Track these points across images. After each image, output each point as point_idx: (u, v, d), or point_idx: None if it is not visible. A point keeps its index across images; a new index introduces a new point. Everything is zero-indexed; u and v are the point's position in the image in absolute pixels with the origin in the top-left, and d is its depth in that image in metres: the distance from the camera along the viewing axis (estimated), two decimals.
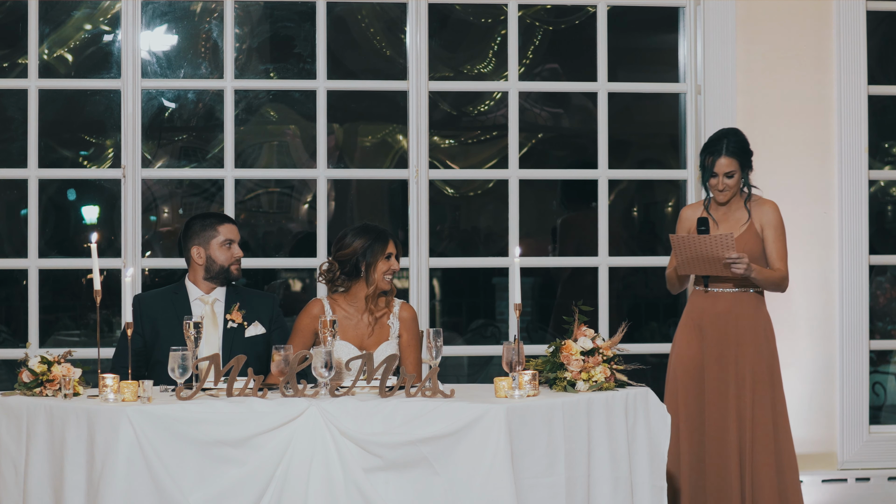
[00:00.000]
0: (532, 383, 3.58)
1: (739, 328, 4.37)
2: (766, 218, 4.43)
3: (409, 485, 3.40)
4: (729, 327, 4.38)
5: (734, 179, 4.41)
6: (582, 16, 6.03)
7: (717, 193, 4.44)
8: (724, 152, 4.39)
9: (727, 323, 4.38)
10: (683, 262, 4.33)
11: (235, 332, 4.24)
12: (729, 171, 4.40)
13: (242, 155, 6.19)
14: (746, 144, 4.46)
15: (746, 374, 4.34)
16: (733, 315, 4.38)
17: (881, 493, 5.27)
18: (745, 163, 4.43)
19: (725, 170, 4.39)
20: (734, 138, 4.43)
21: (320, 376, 3.52)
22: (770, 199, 4.50)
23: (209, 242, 4.26)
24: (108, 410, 3.34)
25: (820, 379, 5.26)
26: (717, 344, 4.38)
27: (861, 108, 5.31)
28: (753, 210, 4.44)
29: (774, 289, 4.41)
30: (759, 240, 4.41)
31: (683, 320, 4.49)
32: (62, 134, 6.30)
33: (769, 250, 4.41)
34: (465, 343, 6.82)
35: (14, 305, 6.23)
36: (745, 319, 4.38)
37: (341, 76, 5.77)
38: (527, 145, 6.80)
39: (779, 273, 4.38)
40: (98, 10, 5.74)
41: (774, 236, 4.41)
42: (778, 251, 4.40)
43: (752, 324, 4.38)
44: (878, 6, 5.46)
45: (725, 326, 4.38)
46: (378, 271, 4.21)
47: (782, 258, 4.40)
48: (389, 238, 4.25)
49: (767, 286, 4.38)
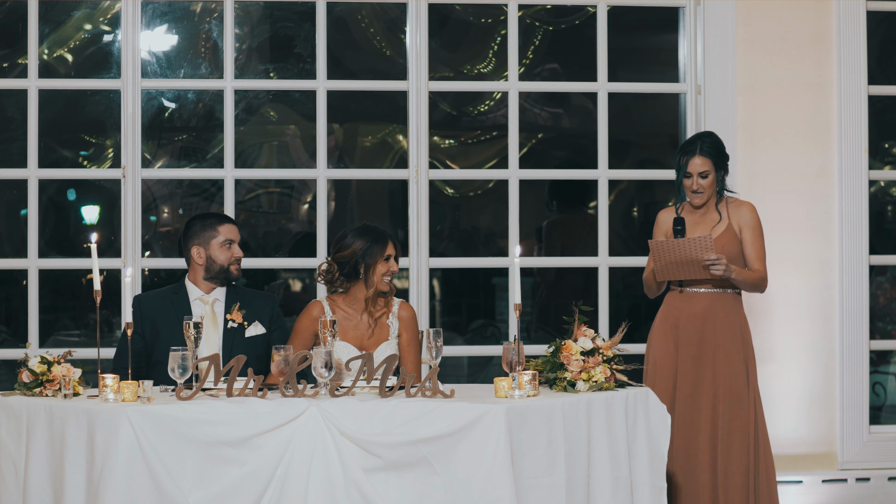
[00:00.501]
0: (532, 383, 3.58)
1: (717, 329, 4.35)
2: (745, 219, 4.41)
3: (408, 485, 3.40)
4: (706, 328, 4.35)
5: (708, 180, 4.40)
6: (582, 16, 6.03)
7: (692, 195, 4.42)
8: (697, 152, 4.38)
9: (704, 323, 4.36)
10: (662, 268, 4.30)
11: (235, 332, 4.24)
12: (703, 171, 4.38)
13: (242, 155, 6.19)
14: (722, 147, 4.45)
15: (722, 375, 4.33)
16: (711, 316, 4.36)
17: (881, 493, 5.27)
18: (720, 164, 4.42)
19: (700, 169, 4.38)
20: (709, 139, 4.43)
21: (320, 376, 3.52)
22: (747, 201, 4.48)
23: (209, 242, 4.26)
24: (108, 410, 3.34)
25: (820, 379, 5.26)
26: (693, 344, 4.36)
27: (861, 108, 5.31)
28: (731, 211, 4.43)
29: (753, 289, 4.40)
30: (738, 241, 4.40)
31: (658, 319, 4.47)
32: (62, 134, 6.29)
33: (747, 251, 4.40)
34: (465, 343, 6.82)
35: (14, 305, 6.23)
36: (722, 320, 4.36)
37: (341, 76, 5.77)
38: (527, 145, 6.80)
39: (757, 274, 4.37)
40: (98, 10, 5.74)
41: (752, 237, 4.40)
42: (756, 252, 4.39)
43: (728, 325, 4.36)
44: (878, 6, 5.46)
45: (702, 327, 4.36)
46: (377, 273, 4.21)
47: (760, 259, 4.39)
48: (389, 240, 4.24)
49: (746, 287, 4.37)
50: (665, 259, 4.27)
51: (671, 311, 4.43)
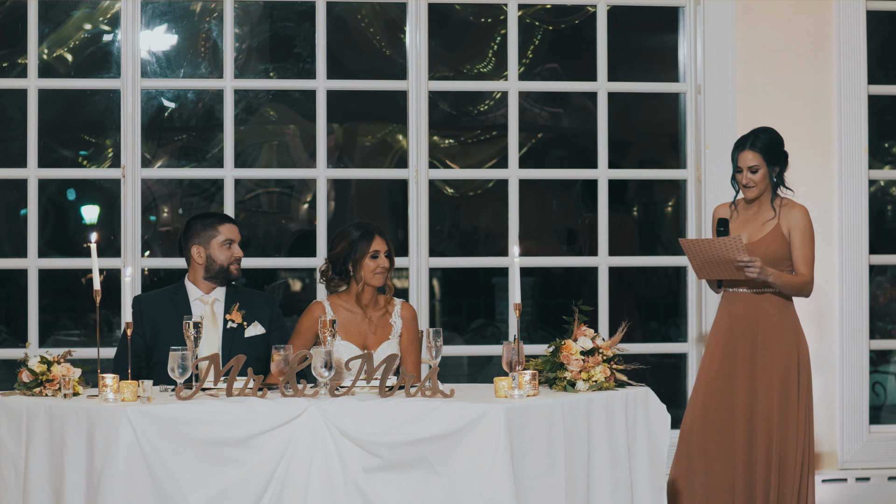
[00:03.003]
0: (532, 383, 3.58)
1: (758, 331, 4.35)
2: (795, 221, 4.39)
3: (408, 485, 3.40)
4: (748, 329, 4.36)
5: (759, 175, 4.40)
6: (582, 16, 6.03)
7: (743, 189, 4.44)
8: (747, 146, 4.40)
9: (746, 324, 4.36)
10: (698, 267, 4.31)
11: (235, 332, 4.24)
12: (753, 166, 4.39)
13: (242, 155, 6.19)
14: (778, 143, 4.43)
15: (765, 378, 4.33)
16: (754, 318, 4.35)
17: (881, 493, 5.27)
18: (773, 160, 4.41)
19: (749, 164, 4.39)
20: (764, 135, 4.43)
21: (320, 376, 3.52)
22: (801, 204, 4.47)
23: (209, 242, 4.26)
24: (108, 410, 3.34)
25: (820, 378, 5.25)
26: (740, 343, 4.38)
27: (861, 107, 5.31)
28: (782, 212, 4.41)
29: (795, 293, 4.38)
30: (785, 242, 4.38)
31: (718, 314, 4.49)
32: (62, 134, 6.29)
33: (795, 254, 4.38)
34: (465, 343, 6.82)
35: (14, 305, 6.22)
36: (769, 322, 4.35)
37: (341, 76, 5.77)
38: (527, 145, 6.80)
39: (801, 279, 4.34)
40: (98, 10, 5.74)
41: (802, 241, 4.38)
42: (804, 256, 4.37)
43: (777, 326, 4.35)
44: (878, 6, 5.46)
45: (745, 327, 4.36)
46: (365, 269, 4.21)
47: (808, 263, 4.36)
48: (375, 234, 4.23)
49: (787, 291, 4.34)
50: (698, 258, 4.27)
51: (724, 311, 4.44)
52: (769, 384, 4.32)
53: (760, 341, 4.35)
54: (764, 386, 4.33)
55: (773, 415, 4.31)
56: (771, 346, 4.34)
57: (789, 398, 4.32)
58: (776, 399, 4.31)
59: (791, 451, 4.31)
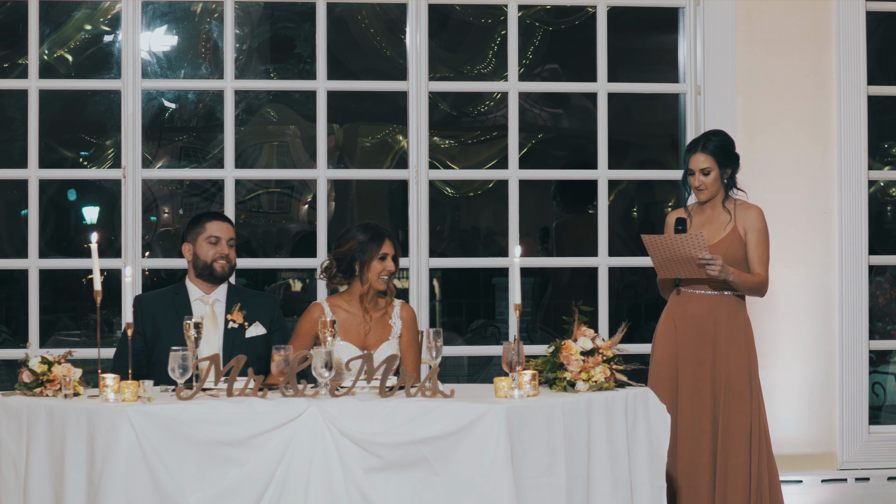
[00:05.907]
0: (532, 383, 3.59)
1: (717, 331, 4.34)
2: (751, 222, 4.41)
3: (409, 485, 3.40)
4: (706, 330, 4.35)
5: (711, 178, 4.40)
6: (582, 16, 6.04)
7: (695, 191, 4.44)
8: (699, 149, 4.40)
9: (704, 325, 4.35)
10: (659, 265, 4.31)
11: (236, 332, 4.25)
12: (704, 168, 4.39)
13: (243, 155, 6.20)
14: (729, 146, 4.44)
15: (722, 378, 4.32)
16: (711, 318, 4.35)
17: (881, 493, 5.27)
18: (724, 162, 4.41)
19: (701, 166, 4.39)
20: (715, 138, 4.43)
21: (320, 376, 3.52)
22: (755, 204, 4.48)
23: (196, 239, 4.27)
24: (109, 410, 3.35)
25: (820, 379, 5.26)
26: (693, 345, 4.36)
27: (861, 108, 5.32)
28: (737, 213, 4.42)
29: (752, 293, 4.39)
30: (742, 244, 4.39)
31: (661, 320, 4.48)
32: (62, 134, 6.31)
33: (751, 255, 4.39)
34: (465, 343, 6.83)
35: (14, 305, 6.24)
36: (724, 323, 4.35)
37: (341, 76, 5.78)
38: (527, 145, 6.81)
39: (758, 278, 4.36)
40: (98, 11, 5.75)
41: (757, 241, 4.40)
42: (759, 256, 4.39)
43: (730, 328, 4.35)
44: (877, 6, 5.46)
45: (702, 328, 4.35)
46: (372, 271, 4.21)
47: (763, 263, 4.38)
48: (386, 238, 4.24)
49: (745, 290, 4.36)
50: (659, 256, 4.27)
51: (671, 311, 4.43)
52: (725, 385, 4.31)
53: (721, 341, 4.33)
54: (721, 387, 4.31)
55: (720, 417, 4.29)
56: (726, 346, 4.33)
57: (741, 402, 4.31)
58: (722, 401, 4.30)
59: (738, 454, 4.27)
